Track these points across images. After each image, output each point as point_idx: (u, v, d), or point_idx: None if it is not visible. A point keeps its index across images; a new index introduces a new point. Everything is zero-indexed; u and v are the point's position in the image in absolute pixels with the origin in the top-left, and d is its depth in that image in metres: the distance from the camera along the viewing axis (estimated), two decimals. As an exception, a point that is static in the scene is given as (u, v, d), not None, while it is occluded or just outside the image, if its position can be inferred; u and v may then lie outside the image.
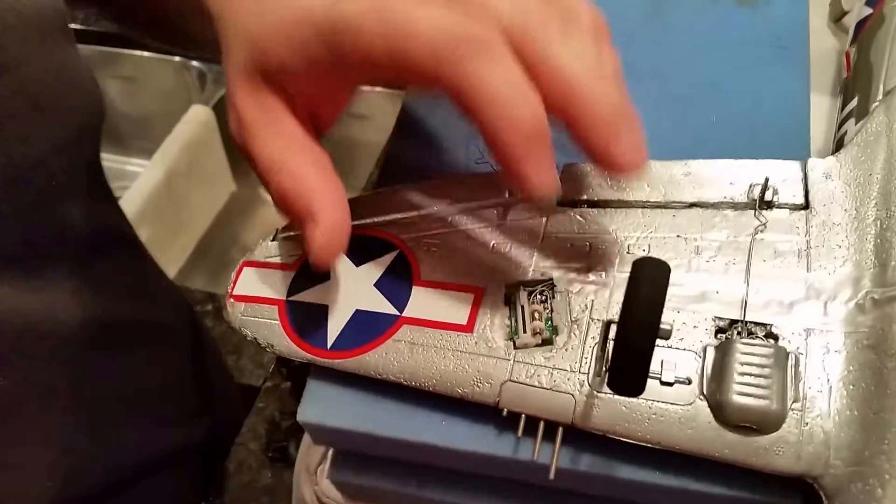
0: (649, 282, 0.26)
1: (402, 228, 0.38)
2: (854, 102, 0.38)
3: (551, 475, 0.31)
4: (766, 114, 0.40)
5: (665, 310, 0.31)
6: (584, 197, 0.37)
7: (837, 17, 0.49)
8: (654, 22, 0.47)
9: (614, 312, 0.33)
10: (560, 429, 0.31)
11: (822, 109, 0.45)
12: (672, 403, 0.30)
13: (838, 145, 0.38)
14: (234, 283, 0.39)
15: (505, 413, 0.32)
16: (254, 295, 0.38)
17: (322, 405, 0.35)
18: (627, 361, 0.26)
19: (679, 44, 0.45)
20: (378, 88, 1.18)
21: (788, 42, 0.43)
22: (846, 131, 0.37)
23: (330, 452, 0.39)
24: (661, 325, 0.26)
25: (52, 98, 0.39)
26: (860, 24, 0.42)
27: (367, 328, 0.35)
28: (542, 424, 0.31)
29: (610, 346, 0.30)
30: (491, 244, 0.36)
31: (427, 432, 0.33)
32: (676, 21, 0.47)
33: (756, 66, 0.43)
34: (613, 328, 0.28)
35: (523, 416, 0.32)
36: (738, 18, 0.46)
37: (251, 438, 0.51)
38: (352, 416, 0.34)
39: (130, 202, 1.07)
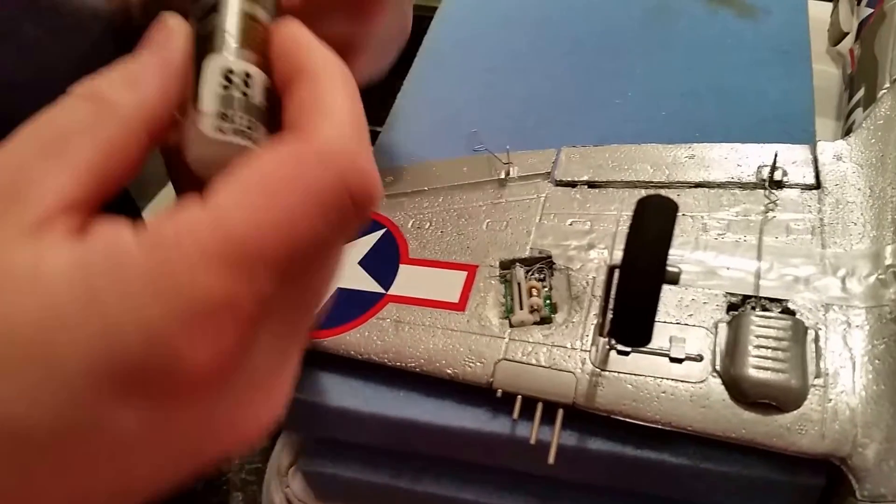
0: (655, 217, 0.24)
1: (389, 208, 0.36)
2: (861, 93, 0.37)
3: (551, 459, 0.28)
4: (771, 109, 0.39)
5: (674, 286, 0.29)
6: (585, 178, 0.35)
7: (837, 39, 0.49)
8: (655, 29, 0.46)
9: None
10: (560, 410, 0.28)
11: (827, 131, 0.44)
12: (683, 381, 0.28)
13: (846, 133, 0.37)
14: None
15: (499, 394, 0.29)
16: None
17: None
18: (633, 303, 0.24)
19: (682, 48, 0.45)
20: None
21: (790, 47, 0.43)
22: (854, 120, 0.36)
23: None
24: (669, 268, 0.24)
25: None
26: (862, 23, 0.42)
27: (348, 307, 0.32)
28: (539, 406, 0.29)
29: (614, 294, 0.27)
30: (485, 222, 0.34)
31: (411, 408, 0.30)
32: (678, 28, 0.46)
33: (759, 67, 0.42)
34: (618, 277, 0.25)
35: (519, 397, 0.29)
36: (739, 27, 0.45)
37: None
38: (326, 391, 0.31)
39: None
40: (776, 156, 0.33)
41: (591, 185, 0.35)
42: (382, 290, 0.33)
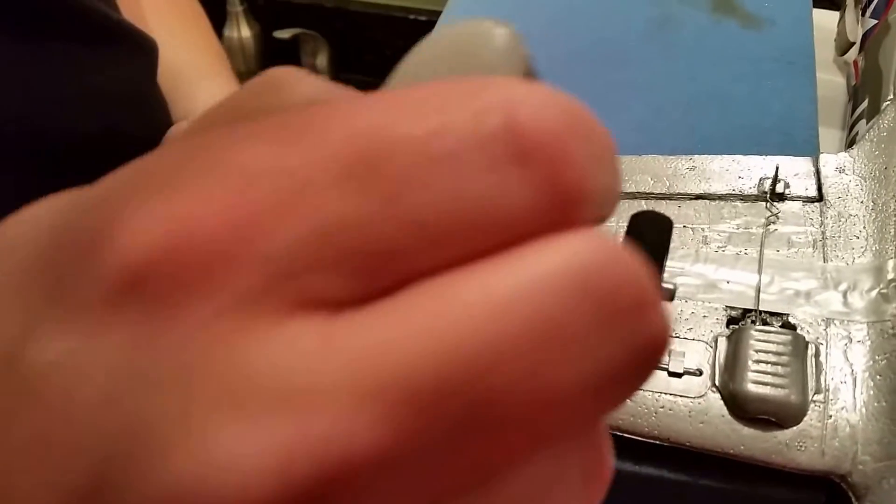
0: (648, 232, 0.23)
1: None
2: (864, 104, 0.36)
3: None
4: (774, 120, 0.39)
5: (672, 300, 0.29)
6: (584, 189, 0.35)
7: (844, 49, 0.48)
8: (658, 39, 0.46)
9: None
10: (557, 423, 0.28)
11: (832, 141, 0.44)
12: (682, 396, 0.28)
13: (849, 145, 0.37)
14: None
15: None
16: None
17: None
18: None
19: (684, 58, 0.44)
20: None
21: (794, 58, 0.43)
22: (857, 132, 0.36)
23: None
24: (663, 285, 0.24)
25: None
26: (867, 34, 0.41)
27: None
28: (536, 419, 0.28)
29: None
30: (484, 234, 0.34)
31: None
32: (681, 38, 0.46)
33: (762, 78, 0.42)
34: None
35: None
36: (742, 37, 0.45)
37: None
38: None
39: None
40: (778, 168, 0.32)
41: (592, 196, 0.34)
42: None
